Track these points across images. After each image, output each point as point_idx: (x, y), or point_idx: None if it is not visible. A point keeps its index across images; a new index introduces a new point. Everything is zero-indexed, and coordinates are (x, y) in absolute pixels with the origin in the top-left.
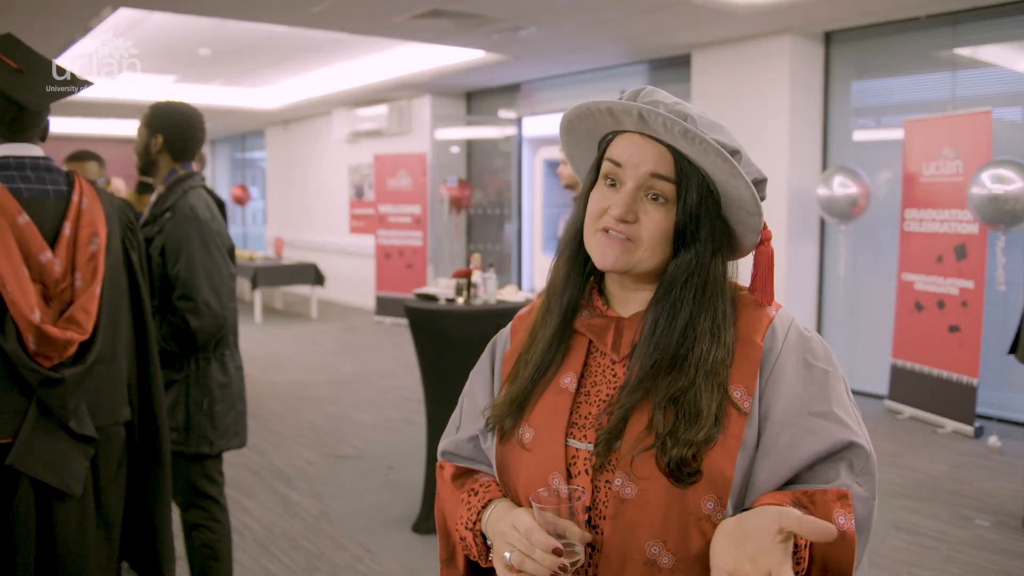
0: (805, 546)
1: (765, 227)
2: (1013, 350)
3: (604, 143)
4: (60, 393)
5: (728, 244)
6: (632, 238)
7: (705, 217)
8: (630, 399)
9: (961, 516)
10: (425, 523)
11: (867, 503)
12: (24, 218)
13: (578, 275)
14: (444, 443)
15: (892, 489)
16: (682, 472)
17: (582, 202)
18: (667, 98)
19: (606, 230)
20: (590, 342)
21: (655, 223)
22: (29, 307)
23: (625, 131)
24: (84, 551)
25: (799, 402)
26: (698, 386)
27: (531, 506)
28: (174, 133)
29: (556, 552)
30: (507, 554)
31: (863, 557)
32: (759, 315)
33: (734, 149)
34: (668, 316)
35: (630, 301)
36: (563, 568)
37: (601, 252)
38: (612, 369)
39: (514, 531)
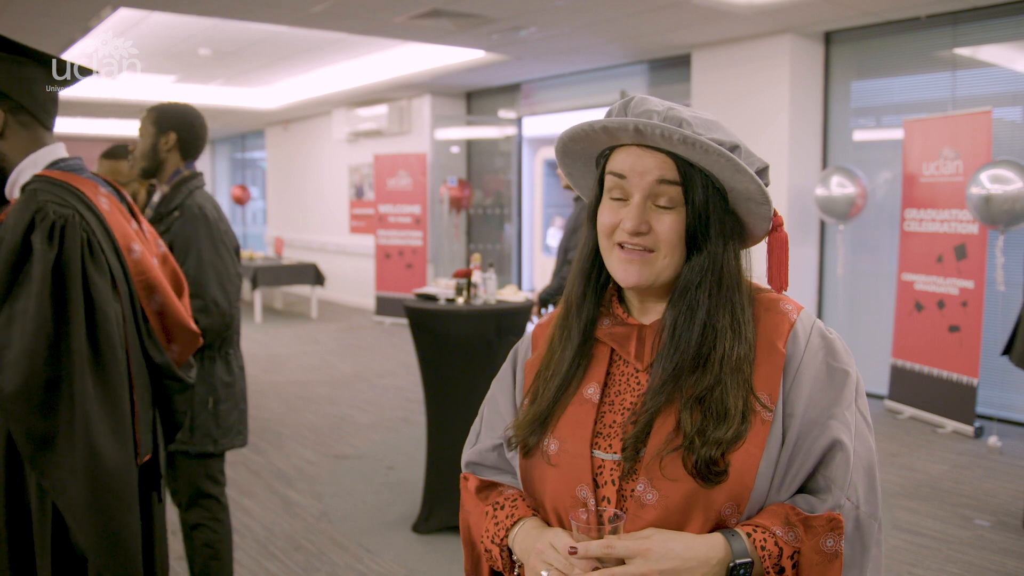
0: (781, 556)
1: (776, 213)
2: (1007, 351)
3: (602, 158)
4: (188, 398)
5: (739, 236)
6: (650, 247)
7: (714, 214)
8: (654, 402)
9: (961, 516)
10: (425, 523)
11: (853, 512)
12: (134, 224)
13: (594, 292)
14: (467, 454)
15: (892, 489)
16: (709, 472)
17: (590, 221)
18: (659, 105)
19: (621, 244)
20: (612, 351)
21: (668, 228)
22: (185, 317)
23: (623, 144)
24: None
25: (819, 408)
26: (724, 384)
27: (559, 516)
28: (187, 131)
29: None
30: (544, 573)
31: (868, 564)
32: (780, 319)
33: (733, 145)
34: (686, 318)
35: (650, 309)
36: None
37: (623, 270)
38: (636, 377)
39: (552, 550)
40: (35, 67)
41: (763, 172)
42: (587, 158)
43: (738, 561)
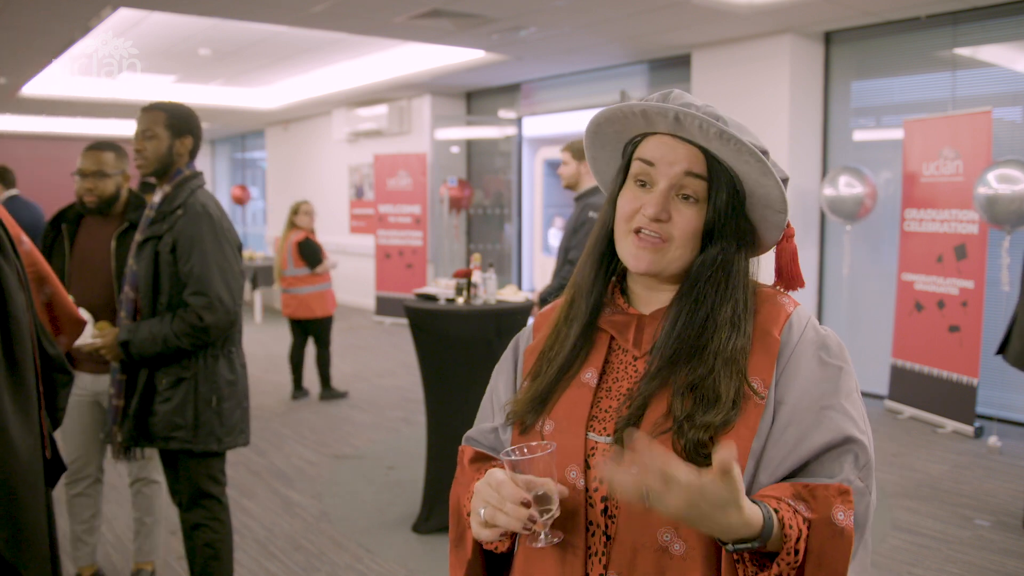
0: (799, 538)
1: (788, 224)
2: (1001, 350)
3: (631, 145)
4: (69, 393)
5: (751, 242)
6: (665, 238)
7: (732, 215)
8: (648, 387)
9: (961, 516)
10: (425, 523)
11: (865, 498)
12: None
13: (604, 276)
14: (469, 432)
15: (892, 489)
16: (698, 454)
17: (610, 205)
18: (697, 100)
19: (638, 231)
20: (611, 339)
21: (687, 221)
22: (73, 306)
23: (656, 133)
24: None
25: (810, 397)
26: (717, 372)
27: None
28: (199, 134)
29: (525, 504)
30: (481, 510)
31: (859, 552)
32: (777, 310)
33: (764, 150)
34: (690, 310)
35: (652, 300)
36: (532, 520)
37: (634, 256)
38: (634, 365)
39: (487, 487)
40: None
41: (784, 183)
42: (616, 143)
43: (751, 544)
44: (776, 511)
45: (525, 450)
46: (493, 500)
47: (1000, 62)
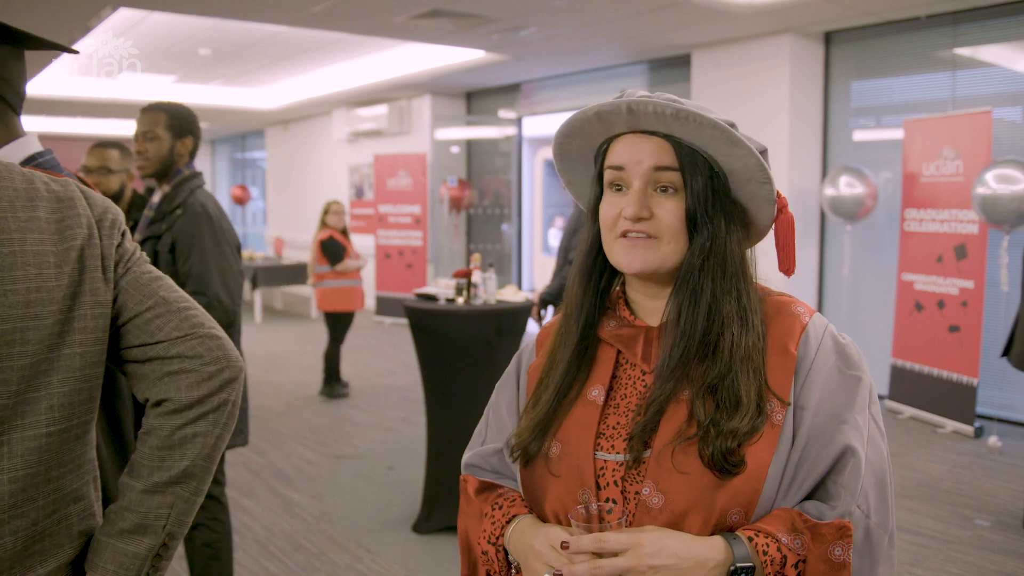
0: (785, 563)
1: (779, 195)
2: (1006, 353)
3: (599, 155)
4: None
5: (743, 224)
6: (653, 234)
7: (715, 198)
8: (662, 391)
9: (961, 516)
10: (425, 523)
11: (863, 522)
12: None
13: (594, 292)
14: (468, 456)
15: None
16: (726, 462)
17: (591, 219)
18: (650, 93)
19: (625, 233)
20: (618, 353)
21: (670, 213)
22: None
23: (618, 136)
24: None
25: (828, 414)
26: (734, 372)
27: (560, 522)
28: (199, 135)
29: None
30: (547, 575)
31: (882, 565)
32: (792, 322)
33: (729, 122)
34: (691, 302)
35: (657, 309)
36: None
37: (626, 256)
38: (643, 380)
39: (552, 551)
40: (3, 45)
41: (762, 154)
42: (584, 159)
43: (739, 565)
44: (751, 539)
45: (593, 509)
46: (560, 566)
47: (1000, 62)
